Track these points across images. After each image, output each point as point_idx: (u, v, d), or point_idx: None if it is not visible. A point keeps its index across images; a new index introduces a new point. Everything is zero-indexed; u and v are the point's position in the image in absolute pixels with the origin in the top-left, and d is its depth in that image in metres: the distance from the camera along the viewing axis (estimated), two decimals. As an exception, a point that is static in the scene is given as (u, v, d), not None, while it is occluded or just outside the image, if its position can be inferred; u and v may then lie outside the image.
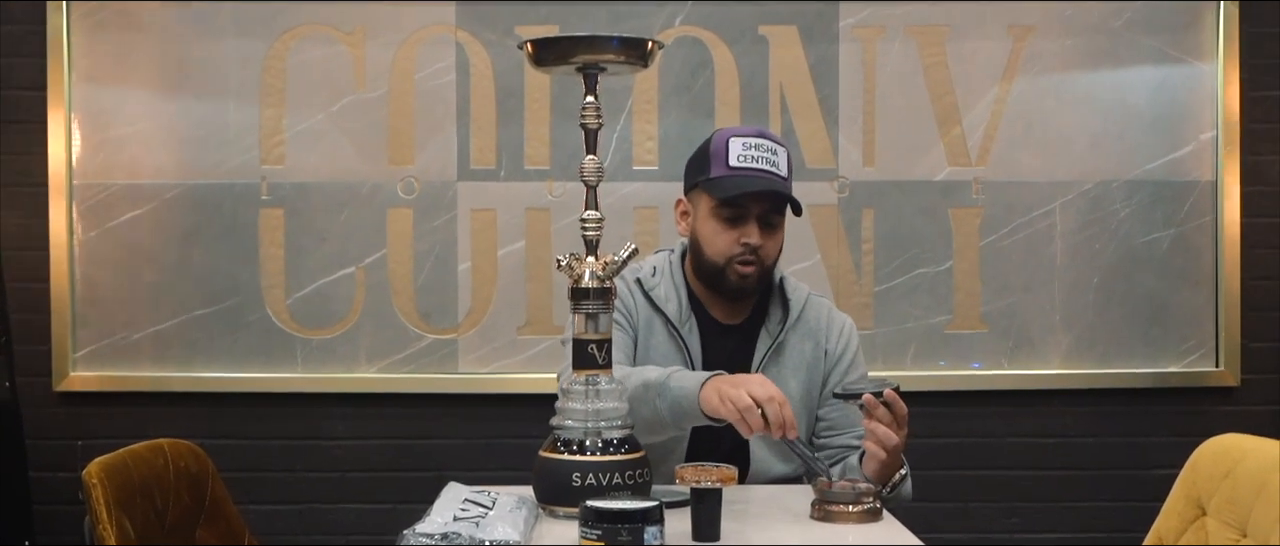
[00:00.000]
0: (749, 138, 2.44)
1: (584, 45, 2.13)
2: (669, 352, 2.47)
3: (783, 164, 2.45)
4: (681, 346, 2.47)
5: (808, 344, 2.53)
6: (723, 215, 2.44)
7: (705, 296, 2.53)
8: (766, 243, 2.44)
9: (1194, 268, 3.73)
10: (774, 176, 2.42)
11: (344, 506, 3.72)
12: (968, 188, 3.71)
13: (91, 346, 3.67)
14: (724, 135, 2.46)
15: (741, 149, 2.42)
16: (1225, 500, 2.26)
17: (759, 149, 2.42)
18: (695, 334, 2.49)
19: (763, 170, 2.41)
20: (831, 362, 2.54)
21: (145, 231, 3.67)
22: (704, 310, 2.53)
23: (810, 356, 2.53)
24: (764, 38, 3.69)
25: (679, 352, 2.47)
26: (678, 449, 2.44)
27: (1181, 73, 3.72)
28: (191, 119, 3.67)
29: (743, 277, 2.44)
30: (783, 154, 2.46)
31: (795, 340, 2.52)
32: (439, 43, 3.68)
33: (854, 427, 2.47)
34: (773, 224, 2.45)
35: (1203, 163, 3.73)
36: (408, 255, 3.69)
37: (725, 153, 2.42)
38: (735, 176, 2.41)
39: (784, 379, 2.48)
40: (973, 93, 3.71)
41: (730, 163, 2.42)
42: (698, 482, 1.95)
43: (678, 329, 2.48)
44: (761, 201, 2.42)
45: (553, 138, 3.69)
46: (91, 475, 2.15)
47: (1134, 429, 3.75)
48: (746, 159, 2.41)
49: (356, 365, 3.69)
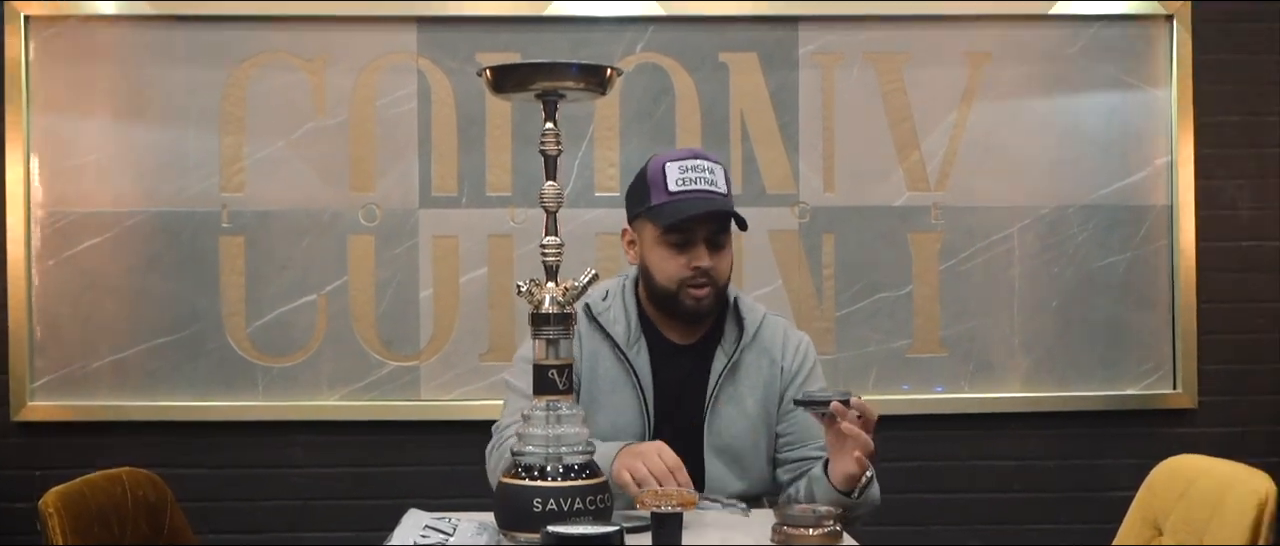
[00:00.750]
0: (685, 161, 2.44)
1: (543, 72, 2.14)
2: (616, 377, 2.48)
3: (721, 181, 2.45)
4: (629, 369, 2.48)
5: (764, 361, 2.54)
6: (669, 241, 2.44)
7: (659, 319, 2.54)
8: (717, 263, 2.45)
9: (1151, 291, 3.77)
10: (715, 195, 2.42)
11: (305, 535, 3.70)
12: (927, 212, 3.74)
13: (50, 376, 3.64)
14: (660, 161, 2.46)
15: (679, 173, 2.42)
16: (1181, 520, 2.28)
17: (696, 170, 2.43)
18: (644, 355, 2.50)
19: (702, 191, 2.41)
20: (788, 379, 2.55)
21: (104, 259, 3.65)
22: (657, 332, 2.53)
23: (767, 374, 2.54)
24: (724, 64, 3.72)
25: (626, 376, 2.48)
26: None
27: (1136, 98, 3.76)
28: (151, 146, 3.66)
29: (697, 300, 2.45)
30: (719, 171, 2.46)
31: (751, 358, 2.53)
32: (400, 70, 3.68)
33: (814, 440, 2.49)
34: (720, 243, 2.46)
35: (1158, 187, 3.77)
36: (369, 282, 3.68)
37: (663, 179, 2.42)
38: (676, 201, 2.41)
39: (741, 397, 2.49)
40: (931, 118, 3.74)
41: (670, 188, 2.42)
42: (658, 507, 1.95)
43: (625, 352, 2.48)
44: (706, 223, 2.43)
45: (514, 164, 3.70)
46: (48, 504, 2.14)
47: (1093, 451, 3.78)
48: (685, 182, 2.41)
49: (318, 393, 3.68)
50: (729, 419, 2.47)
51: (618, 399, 2.46)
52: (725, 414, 2.47)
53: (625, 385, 2.47)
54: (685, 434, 2.46)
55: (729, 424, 2.47)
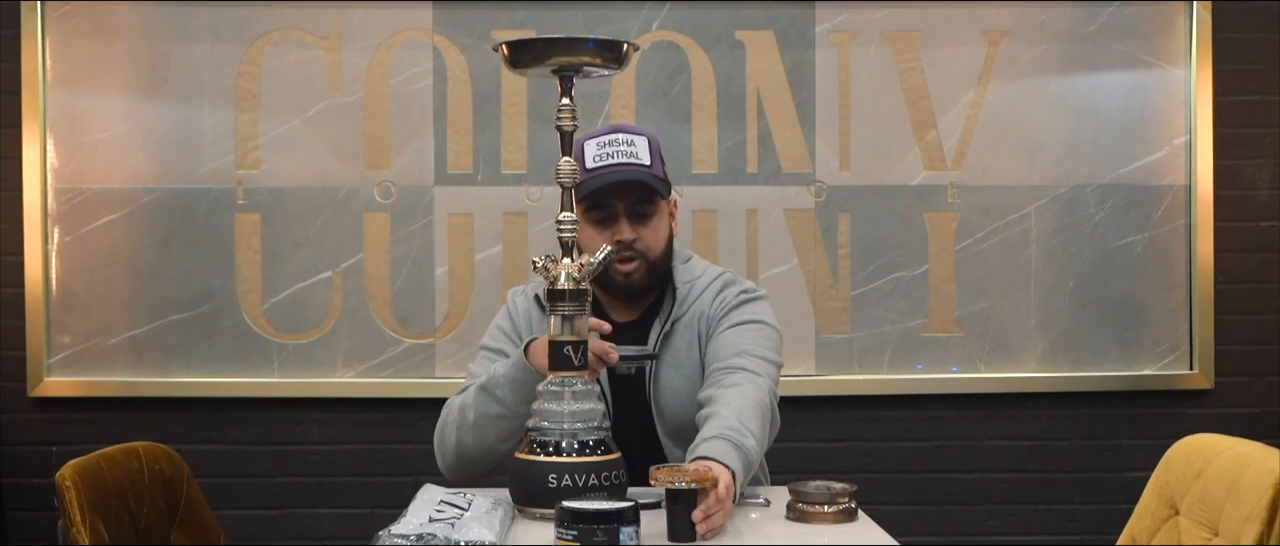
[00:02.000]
0: (602, 136, 2.41)
1: (560, 47, 2.14)
2: None
3: (643, 152, 2.40)
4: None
5: (694, 318, 2.48)
6: (592, 218, 2.41)
7: (604, 300, 2.51)
8: (642, 234, 2.41)
9: (1168, 271, 3.76)
10: (633, 167, 2.38)
11: (320, 511, 3.71)
12: (943, 192, 3.73)
13: (67, 351, 3.66)
14: (579, 142, 2.40)
15: (596, 149, 2.39)
16: (1197, 499, 2.27)
17: (614, 145, 2.39)
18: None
19: (620, 164, 2.38)
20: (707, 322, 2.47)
21: (121, 236, 3.66)
22: (604, 313, 2.49)
23: (697, 329, 2.47)
24: (741, 43, 3.71)
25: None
26: None
27: (1154, 77, 3.74)
28: (167, 124, 3.66)
29: (626, 276, 2.41)
30: (642, 142, 2.41)
31: (685, 322, 2.47)
32: (415, 47, 3.68)
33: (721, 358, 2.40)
34: (643, 214, 2.41)
35: (1176, 167, 3.75)
36: (384, 260, 3.68)
37: (582, 158, 2.38)
38: (591, 178, 2.37)
39: (680, 363, 2.44)
40: (948, 97, 3.73)
41: (587, 166, 2.38)
42: (672, 483, 1.95)
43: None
44: (622, 195, 2.39)
45: (530, 142, 3.69)
46: (65, 478, 2.15)
47: (1109, 431, 3.77)
48: (601, 158, 2.38)
49: (333, 370, 3.69)
50: (673, 389, 2.43)
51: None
52: (668, 386, 2.44)
53: None
54: (640, 414, 2.45)
55: (673, 395, 2.43)
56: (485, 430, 2.32)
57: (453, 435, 2.38)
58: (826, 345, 3.70)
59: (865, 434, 3.73)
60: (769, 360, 2.40)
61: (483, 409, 2.32)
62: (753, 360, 2.36)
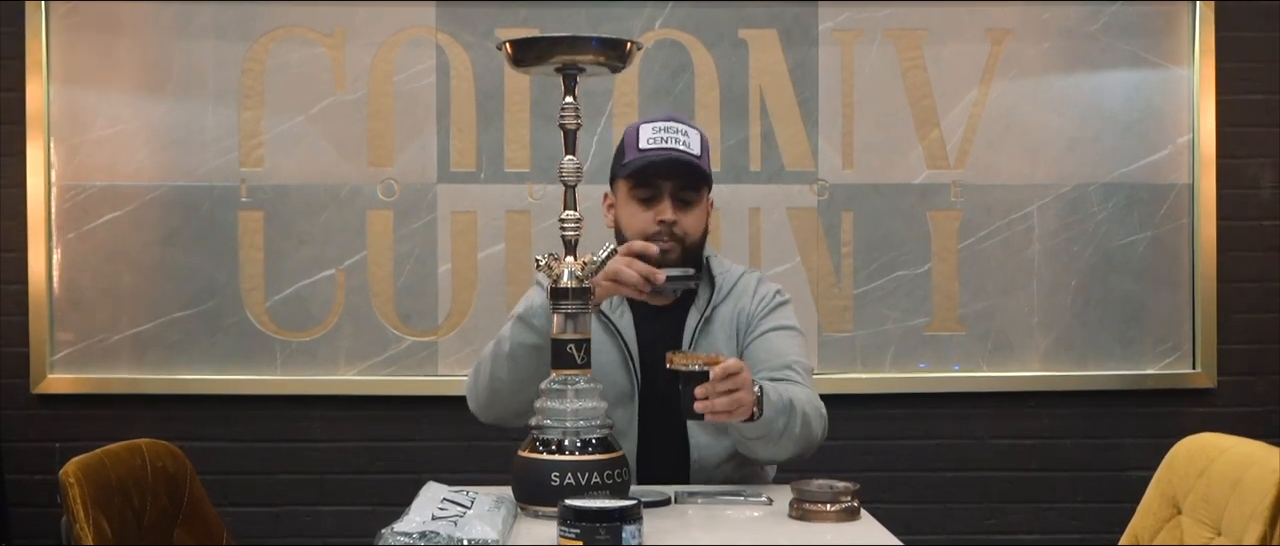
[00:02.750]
0: (659, 122, 2.46)
1: (563, 46, 2.14)
2: (601, 339, 2.47)
3: (695, 144, 2.44)
4: (613, 331, 2.48)
5: (733, 311, 2.53)
6: (638, 196, 2.45)
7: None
8: (682, 219, 2.43)
9: (1171, 270, 3.76)
10: (684, 154, 2.42)
11: (322, 509, 3.71)
12: (946, 190, 3.73)
13: (70, 348, 3.66)
14: (636, 123, 2.48)
15: (651, 133, 2.43)
16: (1200, 498, 2.27)
17: (669, 131, 2.43)
18: (627, 317, 2.50)
19: (672, 149, 2.41)
20: (747, 320, 2.52)
21: (124, 233, 3.66)
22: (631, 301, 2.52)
23: (736, 323, 2.52)
24: (744, 41, 3.71)
25: (611, 338, 2.48)
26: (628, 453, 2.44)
27: (1158, 76, 3.74)
28: (170, 121, 3.67)
29: (663, 254, 2.41)
30: (695, 135, 2.45)
31: (724, 312, 2.52)
32: (419, 45, 3.68)
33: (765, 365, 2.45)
34: (687, 200, 2.44)
35: (1179, 166, 3.75)
36: (387, 257, 3.69)
37: (636, 138, 2.44)
38: (642, 157, 2.42)
39: (716, 348, 2.48)
40: (951, 96, 3.72)
41: (640, 146, 2.43)
42: (686, 366, 2.03)
43: (609, 315, 2.48)
44: (671, 177, 2.41)
45: (533, 140, 3.69)
46: (68, 474, 2.15)
47: (1112, 430, 3.77)
48: (656, 141, 2.42)
49: (336, 367, 3.69)
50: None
51: (603, 359, 2.46)
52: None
53: (611, 347, 2.48)
54: (667, 399, 2.46)
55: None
56: (520, 362, 2.33)
57: (487, 368, 2.41)
58: (829, 343, 3.70)
59: (867, 432, 3.73)
60: (811, 370, 2.48)
61: (518, 339, 2.33)
62: (800, 372, 2.42)
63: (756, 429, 2.23)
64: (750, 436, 2.27)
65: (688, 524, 2.04)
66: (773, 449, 2.30)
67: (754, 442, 2.29)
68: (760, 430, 2.23)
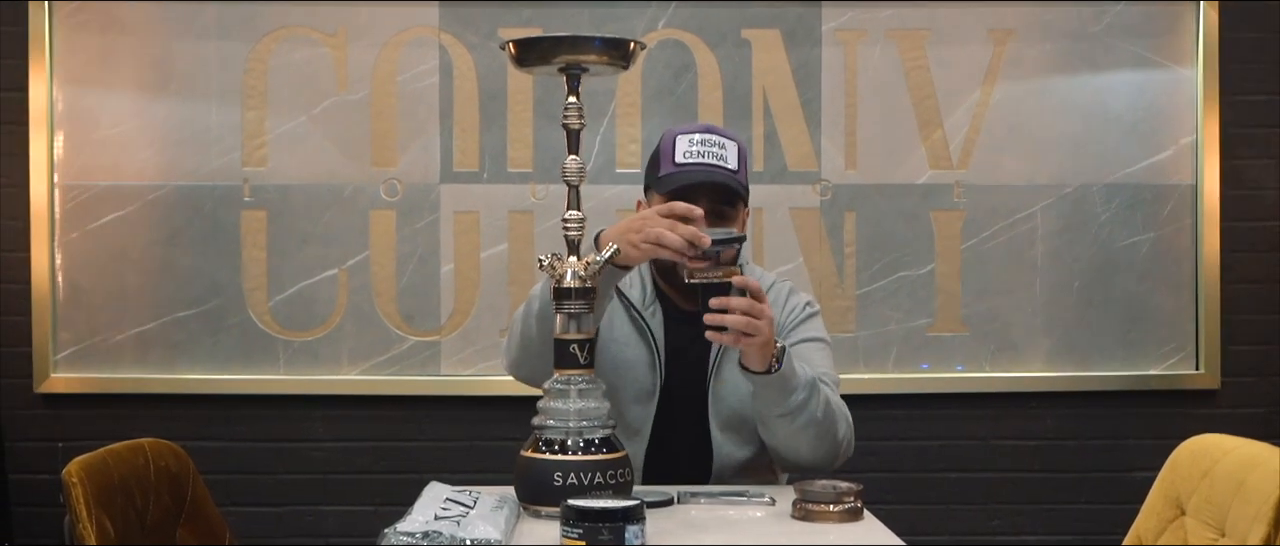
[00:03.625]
0: (695, 134, 2.44)
1: (566, 45, 2.13)
2: (629, 336, 2.48)
3: (732, 157, 2.43)
4: (645, 329, 2.48)
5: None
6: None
7: (667, 288, 2.54)
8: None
9: (1174, 271, 3.75)
10: (721, 169, 2.41)
11: (325, 508, 3.71)
12: (949, 191, 3.73)
13: (73, 347, 3.66)
14: (671, 133, 2.46)
15: (687, 146, 2.42)
16: (1204, 500, 2.27)
17: (706, 144, 2.42)
18: (659, 317, 2.50)
19: (709, 165, 2.40)
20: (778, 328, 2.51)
21: (127, 233, 3.66)
22: (668, 299, 2.54)
23: None
24: (747, 41, 3.70)
25: (641, 336, 2.48)
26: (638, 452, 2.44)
27: (1161, 77, 3.74)
28: (174, 120, 3.67)
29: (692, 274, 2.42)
30: (732, 147, 2.44)
31: None
32: (422, 45, 3.68)
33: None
34: (723, 215, 2.43)
35: (1182, 166, 3.75)
36: (390, 257, 3.69)
37: (672, 150, 2.42)
38: (679, 172, 2.40)
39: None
40: (954, 96, 3.72)
41: (676, 160, 2.41)
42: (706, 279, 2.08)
43: (641, 313, 2.48)
44: (707, 195, 2.40)
45: (536, 141, 3.69)
46: (71, 474, 2.15)
47: (1114, 431, 3.77)
48: (692, 155, 2.41)
49: (339, 367, 3.69)
50: (733, 385, 2.46)
51: (630, 353, 2.47)
52: (729, 380, 2.47)
53: (639, 343, 2.48)
54: (692, 403, 2.47)
55: (732, 390, 2.46)
56: (548, 320, 2.28)
57: (519, 327, 2.38)
58: (832, 344, 3.68)
59: (870, 433, 3.71)
60: (838, 383, 2.47)
61: (547, 297, 2.27)
62: (829, 384, 2.40)
63: (775, 391, 2.23)
64: (768, 405, 2.26)
65: (690, 524, 2.04)
66: (793, 433, 2.29)
67: (775, 421, 2.28)
68: (778, 394, 2.23)
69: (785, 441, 2.33)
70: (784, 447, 2.36)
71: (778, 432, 2.32)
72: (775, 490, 2.32)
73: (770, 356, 2.20)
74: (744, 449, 2.47)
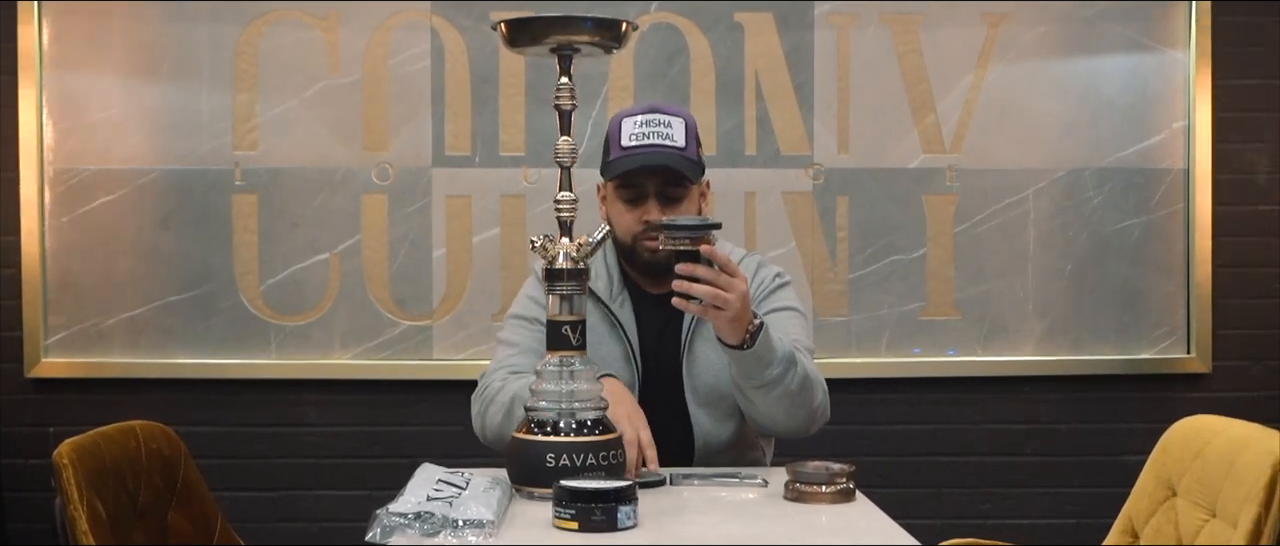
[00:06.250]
0: (640, 115, 2.43)
1: (558, 26, 2.13)
2: (602, 330, 2.47)
3: (678, 135, 2.42)
4: (614, 321, 2.48)
5: None
6: (623, 197, 2.45)
7: (635, 275, 2.53)
8: (674, 213, 2.41)
9: (1166, 255, 3.76)
10: (666, 149, 2.39)
11: (318, 492, 3.71)
12: (942, 175, 3.73)
13: (64, 332, 3.65)
14: (618, 117, 2.45)
15: (633, 128, 2.41)
16: (1195, 481, 2.27)
17: (650, 125, 2.41)
18: (628, 307, 2.50)
19: (654, 146, 2.39)
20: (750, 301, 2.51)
21: (118, 217, 3.65)
22: (635, 285, 2.53)
23: None
24: (739, 25, 3.70)
25: (612, 328, 2.48)
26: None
27: (1154, 61, 3.74)
28: (164, 104, 3.66)
29: (653, 253, 2.41)
30: (679, 124, 2.43)
31: None
32: (413, 28, 3.67)
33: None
34: (672, 197, 2.42)
35: (1174, 151, 3.75)
36: (382, 241, 3.68)
37: (619, 134, 2.42)
38: (625, 157, 2.40)
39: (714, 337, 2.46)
40: (947, 80, 3.72)
41: (623, 143, 2.41)
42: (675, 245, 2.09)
43: (609, 305, 2.48)
44: (654, 177, 2.40)
45: (528, 124, 3.69)
46: (62, 456, 2.14)
47: (1106, 415, 3.78)
48: (637, 137, 2.40)
49: (330, 351, 3.69)
50: (706, 361, 2.46)
51: (604, 350, 2.46)
52: (702, 356, 2.46)
53: (611, 337, 2.48)
54: (669, 384, 2.47)
55: (706, 366, 2.46)
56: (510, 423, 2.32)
57: (497, 420, 2.39)
58: (824, 328, 3.70)
59: (862, 417, 3.73)
60: (812, 351, 2.46)
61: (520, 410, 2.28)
62: (802, 352, 2.38)
63: (751, 365, 2.22)
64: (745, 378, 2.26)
65: (683, 505, 2.04)
66: (769, 404, 2.29)
67: (752, 392, 2.28)
68: (754, 368, 2.23)
69: (762, 411, 2.33)
70: (760, 417, 2.36)
71: (754, 402, 2.31)
72: (768, 471, 2.32)
73: (744, 330, 2.19)
74: (725, 424, 2.47)
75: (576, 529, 1.79)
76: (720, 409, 2.45)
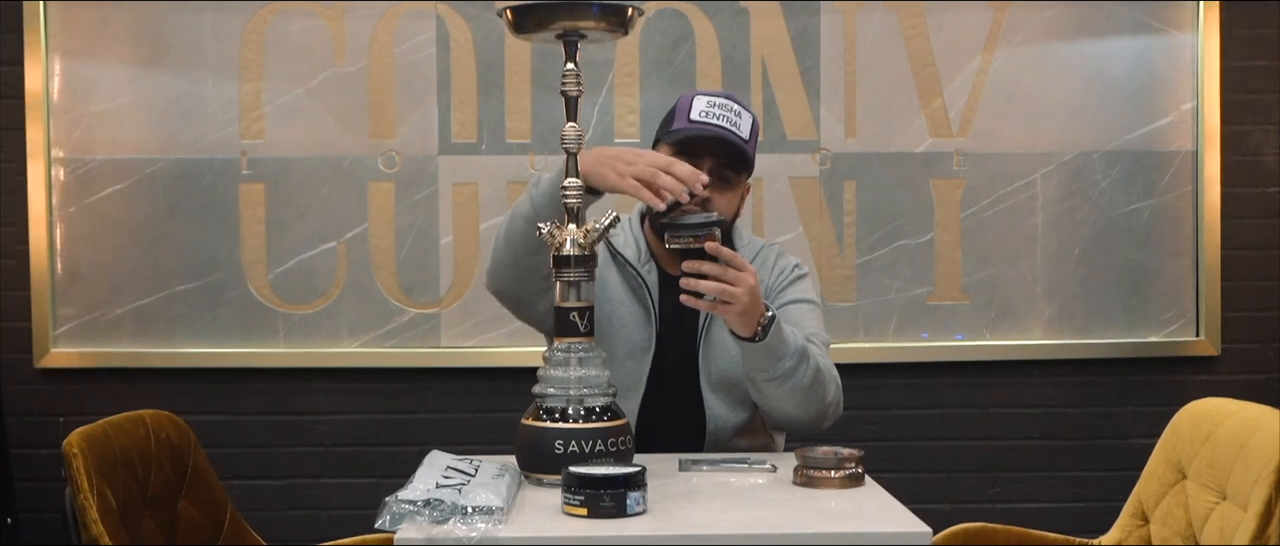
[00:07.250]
0: (715, 97, 2.44)
1: (564, 11, 2.12)
2: (623, 294, 2.47)
3: (745, 127, 2.43)
4: (640, 284, 2.47)
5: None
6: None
7: (660, 252, 2.52)
8: (717, 198, 2.40)
9: (1174, 238, 3.75)
10: (733, 134, 2.41)
11: (326, 481, 3.72)
12: (949, 159, 3.72)
13: (72, 322, 3.66)
14: (691, 92, 2.46)
15: (704, 105, 2.42)
16: (1205, 463, 2.27)
17: (723, 108, 2.42)
18: (654, 276, 2.50)
19: (723, 127, 2.40)
20: (766, 292, 2.51)
21: (125, 206, 3.65)
22: (663, 270, 2.52)
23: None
24: (745, 10, 3.69)
25: (635, 293, 2.48)
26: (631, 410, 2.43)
27: (1162, 43, 3.72)
28: (171, 93, 3.65)
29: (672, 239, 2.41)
30: (747, 119, 2.44)
31: None
32: (419, 16, 3.66)
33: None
34: (726, 179, 2.42)
35: (1183, 133, 3.74)
36: (389, 229, 3.68)
37: (689, 107, 2.42)
38: (692, 127, 2.40)
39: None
40: (953, 64, 3.71)
41: (692, 116, 2.41)
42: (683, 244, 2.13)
43: (638, 269, 2.48)
44: (714, 154, 2.40)
45: (534, 111, 3.68)
46: (72, 445, 2.14)
47: (1115, 398, 3.77)
48: (707, 115, 2.40)
49: (338, 340, 3.69)
50: (722, 347, 2.46)
51: (625, 310, 2.46)
52: (718, 342, 2.47)
53: (634, 300, 2.47)
54: (684, 367, 2.47)
55: (722, 351, 2.46)
56: (515, 231, 2.31)
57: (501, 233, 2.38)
58: (832, 313, 3.69)
59: (871, 402, 3.73)
60: (827, 344, 2.47)
61: (519, 210, 2.31)
62: (818, 345, 2.40)
63: (762, 357, 2.23)
64: (757, 370, 2.26)
65: (692, 490, 2.04)
66: (780, 396, 2.29)
67: (764, 384, 2.28)
68: (766, 361, 2.23)
69: (773, 403, 2.34)
70: (772, 409, 2.36)
71: (766, 394, 2.32)
72: (777, 457, 2.32)
73: (756, 323, 2.19)
74: (737, 411, 2.47)
75: (585, 515, 1.80)
76: (734, 395, 2.45)
